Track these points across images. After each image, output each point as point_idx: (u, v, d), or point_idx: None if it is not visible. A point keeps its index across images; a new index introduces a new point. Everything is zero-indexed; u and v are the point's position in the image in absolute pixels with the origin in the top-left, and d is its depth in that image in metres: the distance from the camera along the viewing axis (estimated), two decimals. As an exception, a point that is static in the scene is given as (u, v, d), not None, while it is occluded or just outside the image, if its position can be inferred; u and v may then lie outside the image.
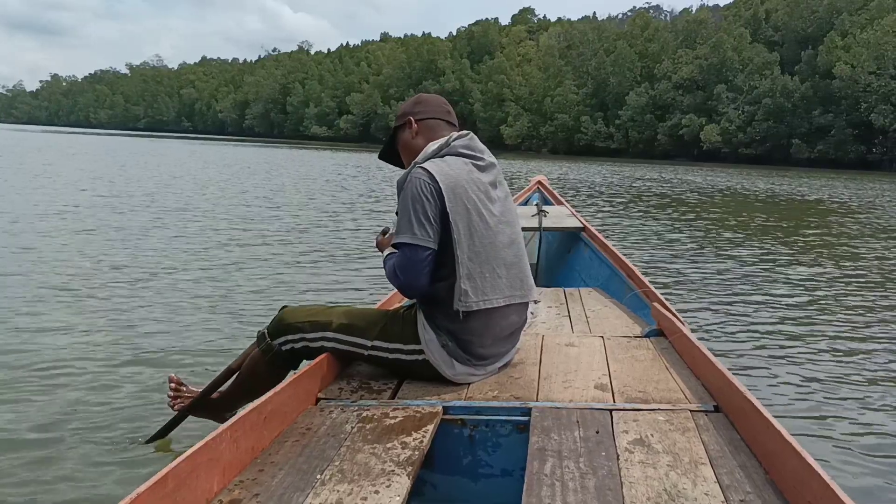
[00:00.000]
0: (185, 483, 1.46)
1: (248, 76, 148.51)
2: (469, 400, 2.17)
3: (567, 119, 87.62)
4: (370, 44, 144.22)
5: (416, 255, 2.17)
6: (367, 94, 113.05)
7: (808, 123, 68.44)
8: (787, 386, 3.97)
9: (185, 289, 5.78)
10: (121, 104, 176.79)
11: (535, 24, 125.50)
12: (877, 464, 3.03)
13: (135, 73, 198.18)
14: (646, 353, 2.65)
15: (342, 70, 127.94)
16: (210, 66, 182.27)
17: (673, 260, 8.52)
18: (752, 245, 10.29)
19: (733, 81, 75.39)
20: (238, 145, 64.65)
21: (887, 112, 62.32)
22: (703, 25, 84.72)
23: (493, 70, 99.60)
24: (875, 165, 64.37)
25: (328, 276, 6.72)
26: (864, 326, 5.52)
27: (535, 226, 5.15)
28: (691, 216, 14.68)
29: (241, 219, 10.76)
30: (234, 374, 2.56)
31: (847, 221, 14.95)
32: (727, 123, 73.01)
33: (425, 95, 2.57)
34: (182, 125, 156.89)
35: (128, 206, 11.48)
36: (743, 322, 5.48)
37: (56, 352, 4.02)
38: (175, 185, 16.81)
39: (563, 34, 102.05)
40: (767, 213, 16.32)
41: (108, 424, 3.07)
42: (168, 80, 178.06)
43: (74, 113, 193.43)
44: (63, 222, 9.25)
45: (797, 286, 7.16)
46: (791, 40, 77.33)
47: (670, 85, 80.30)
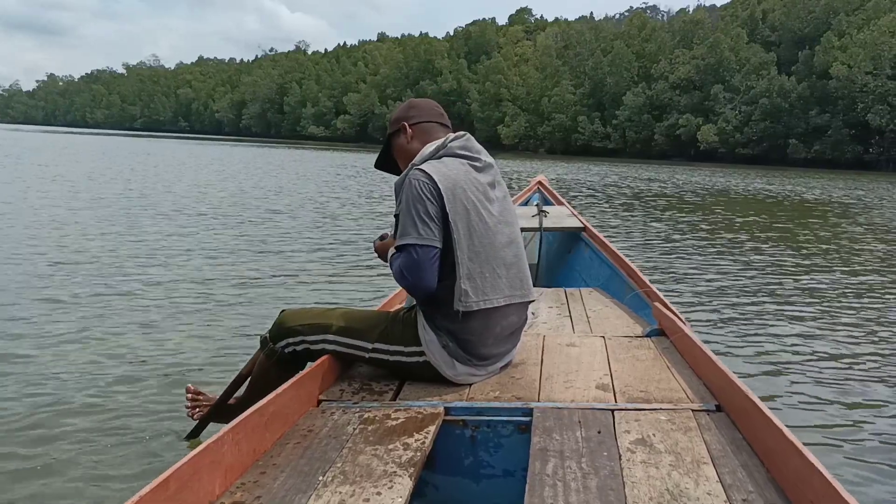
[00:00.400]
0: (187, 485, 1.47)
1: (245, 76, 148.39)
2: (470, 401, 2.17)
3: (564, 119, 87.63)
4: (367, 44, 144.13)
5: (422, 254, 2.16)
6: (364, 94, 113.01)
7: (805, 123, 68.53)
8: (789, 385, 3.98)
9: (186, 292, 5.75)
10: (117, 104, 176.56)
11: (532, 24, 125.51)
12: (879, 462, 3.04)
13: (131, 73, 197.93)
14: (647, 353, 2.65)
15: (339, 70, 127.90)
16: (207, 66, 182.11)
17: (672, 259, 8.54)
18: (753, 245, 10.31)
19: (730, 81, 75.48)
20: (235, 145, 64.57)
21: (884, 112, 62.45)
22: (699, 26, 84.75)
23: (491, 70, 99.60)
24: (872, 165, 64.50)
25: (328, 277, 6.70)
26: (867, 326, 5.53)
27: (536, 226, 5.14)
28: (690, 216, 14.70)
29: (240, 219, 10.76)
30: (245, 379, 2.58)
31: (848, 222, 14.97)
32: (724, 123, 73.07)
33: (416, 100, 2.57)
34: (179, 125, 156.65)
35: (126, 207, 11.47)
36: (744, 321, 5.49)
37: (55, 358, 3.98)
38: (175, 187, 16.78)
39: (561, 34, 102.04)
40: (767, 214, 16.34)
41: (115, 429, 3.05)
42: (165, 79, 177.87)
43: (71, 113, 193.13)
44: (56, 225, 9.19)
45: (798, 286, 7.18)
46: (788, 40, 77.45)
47: (667, 85, 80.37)
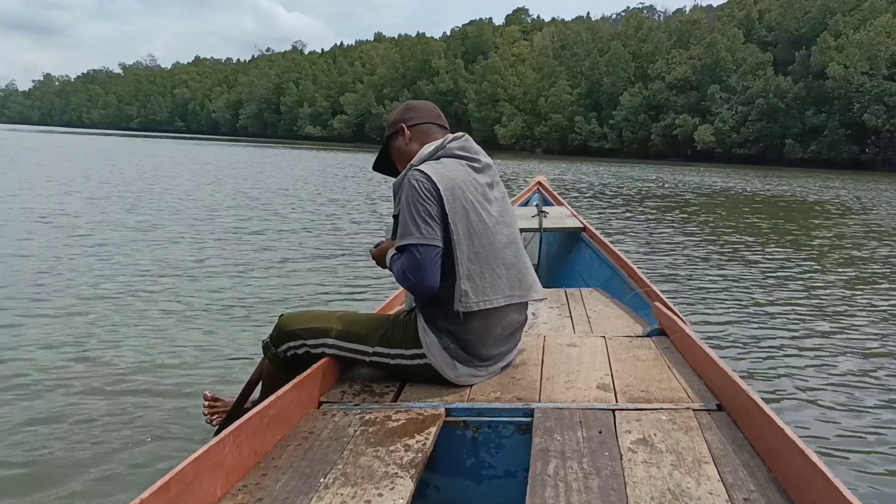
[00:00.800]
0: (189, 488, 1.47)
1: (242, 76, 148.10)
2: (471, 401, 2.17)
3: (561, 119, 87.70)
4: (364, 44, 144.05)
5: (424, 254, 2.15)
6: (361, 93, 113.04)
7: (802, 123, 68.58)
8: (790, 384, 3.98)
9: (187, 295, 5.71)
10: (114, 104, 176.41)
11: (528, 24, 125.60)
12: (881, 461, 3.05)
13: (128, 73, 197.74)
14: (648, 353, 2.65)
15: (336, 70, 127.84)
16: (203, 66, 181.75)
17: (672, 259, 8.54)
18: (753, 244, 10.32)
19: (727, 82, 75.55)
20: (232, 145, 64.43)
21: (880, 112, 62.53)
22: (696, 26, 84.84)
23: (488, 70, 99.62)
24: (868, 165, 64.59)
25: (328, 279, 6.68)
26: (867, 325, 5.54)
27: (536, 226, 5.14)
28: (690, 216, 14.71)
29: (240, 218, 10.74)
30: (256, 384, 2.60)
31: (848, 222, 14.99)
32: (721, 124, 73.14)
33: (414, 102, 2.56)
34: (175, 125, 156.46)
35: (120, 209, 11.45)
36: (745, 320, 5.50)
37: (57, 361, 3.96)
38: (174, 188, 16.75)
39: (557, 34, 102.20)
40: (766, 214, 16.35)
41: (120, 433, 3.04)
42: (161, 79, 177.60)
43: (67, 113, 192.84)
44: (52, 234, 9.06)
45: (798, 285, 7.19)
46: (784, 41, 77.54)
47: (664, 85, 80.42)
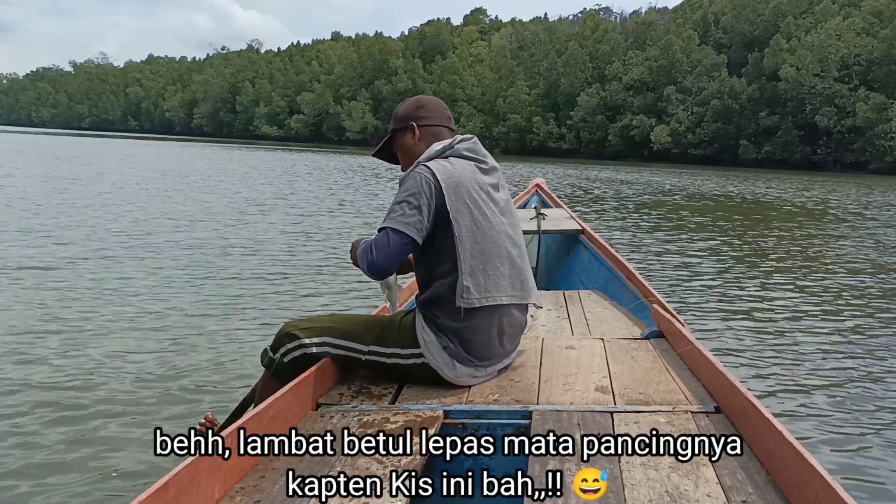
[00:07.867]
0: (187, 490, 1.46)
1: (197, 75, 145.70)
2: (470, 403, 2.17)
3: (519, 120, 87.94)
4: (321, 43, 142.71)
5: (394, 239, 2.18)
6: (318, 93, 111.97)
7: (756, 125, 69.75)
8: (788, 386, 4.02)
9: (186, 304, 5.64)
10: (64, 102, 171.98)
11: (487, 24, 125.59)
12: (880, 463, 3.09)
13: (79, 71, 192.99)
14: (646, 355, 2.67)
15: (293, 69, 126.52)
16: (157, 65, 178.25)
17: (672, 260, 8.60)
18: (754, 245, 10.44)
19: (682, 83, 76.45)
20: (186, 145, 63.39)
21: (831, 114, 63.83)
22: (652, 27, 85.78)
23: (446, 70, 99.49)
24: (820, 166, 65.92)
25: (328, 285, 6.63)
26: (865, 327, 5.62)
27: (534, 229, 5.16)
28: (663, 217, 14.84)
29: (230, 225, 10.67)
30: (249, 404, 2.54)
31: (841, 226, 15.19)
32: (676, 124, 74.02)
33: (426, 99, 2.54)
34: (128, 125, 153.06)
35: (91, 216, 11.22)
36: (742, 323, 5.54)
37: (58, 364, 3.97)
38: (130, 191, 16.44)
39: (515, 35, 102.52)
40: (760, 216, 16.52)
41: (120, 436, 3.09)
42: (114, 78, 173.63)
43: (15, 111, 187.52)
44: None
45: (796, 286, 7.27)
46: (738, 42, 78.61)
47: (621, 86, 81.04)
